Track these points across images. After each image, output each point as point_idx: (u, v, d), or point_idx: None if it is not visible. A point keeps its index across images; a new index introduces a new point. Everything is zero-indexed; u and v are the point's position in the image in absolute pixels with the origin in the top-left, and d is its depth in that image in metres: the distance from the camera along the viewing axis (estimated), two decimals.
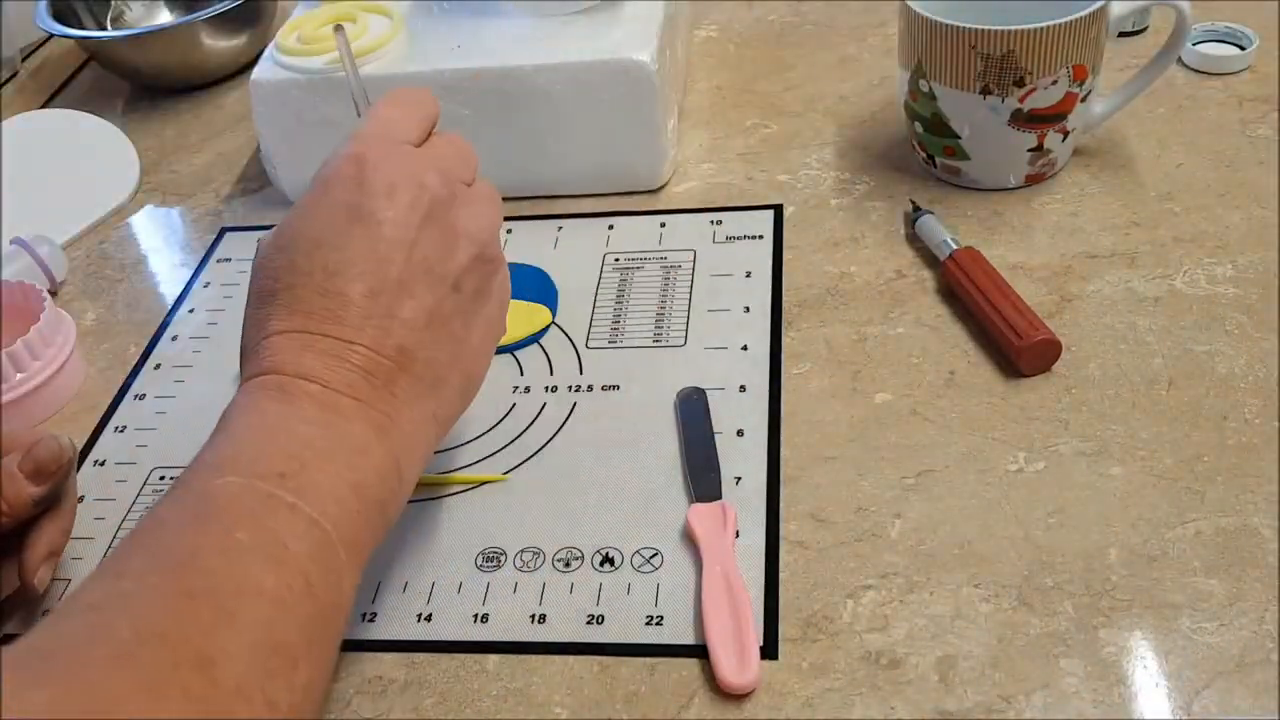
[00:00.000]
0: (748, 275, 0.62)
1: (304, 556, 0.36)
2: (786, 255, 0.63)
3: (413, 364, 0.42)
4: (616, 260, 0.64)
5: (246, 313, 0.43)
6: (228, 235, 0.72)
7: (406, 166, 0.44)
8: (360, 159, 0.43)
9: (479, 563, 0.49)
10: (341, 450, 0.39)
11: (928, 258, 0.61)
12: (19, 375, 0.58)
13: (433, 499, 0.52)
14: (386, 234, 0.42)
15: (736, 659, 0.43)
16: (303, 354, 0.40)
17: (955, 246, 0.59)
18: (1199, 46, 0.72)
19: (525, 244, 0.67)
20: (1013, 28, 0.57)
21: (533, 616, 0.47)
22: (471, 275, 0.44)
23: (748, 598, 0.45)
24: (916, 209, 0.62)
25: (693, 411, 0.54)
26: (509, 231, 0.68)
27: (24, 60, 0.92)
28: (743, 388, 0.55)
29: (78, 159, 0.79)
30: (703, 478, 0.51)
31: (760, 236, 0.64)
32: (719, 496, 0.50)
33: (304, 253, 0.42)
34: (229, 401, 0.41)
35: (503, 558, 0.49)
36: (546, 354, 0.59)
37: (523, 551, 0.49)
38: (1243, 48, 0.71)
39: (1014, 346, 0.53)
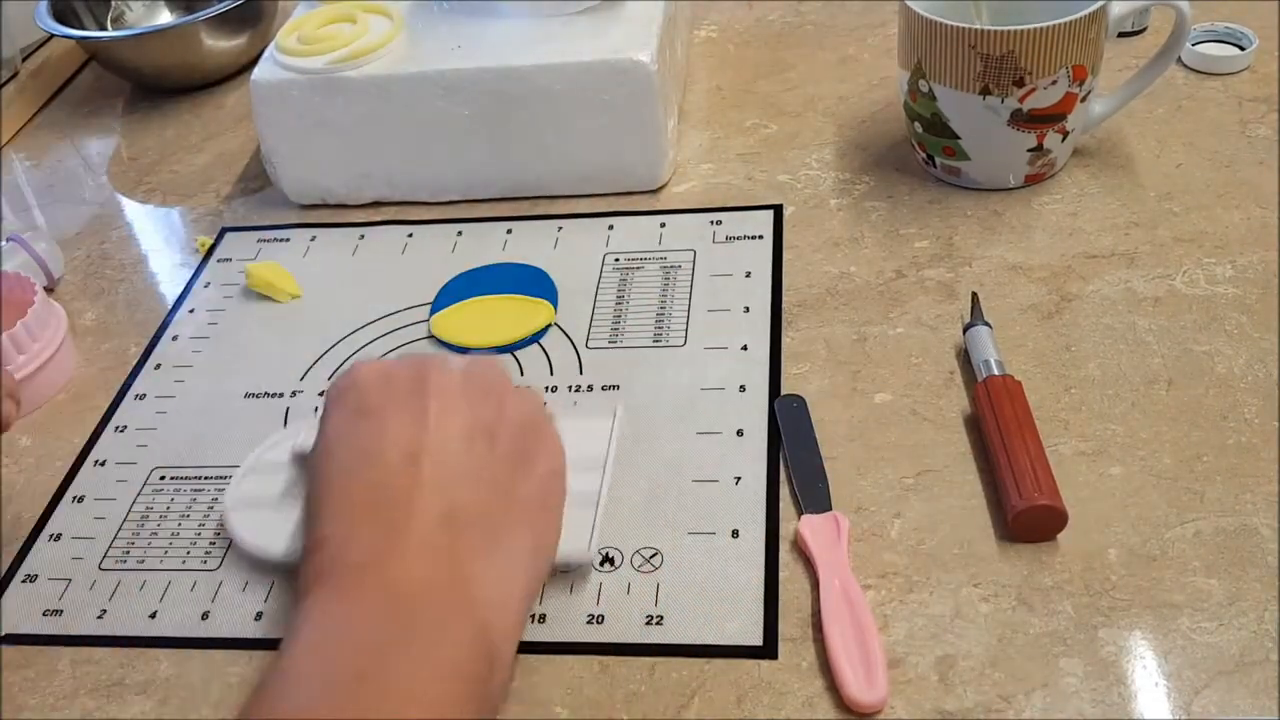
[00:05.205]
0: (748, 275, 0.62)
1: None
2: (786, 255, 0.63)
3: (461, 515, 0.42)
4: (616, 260, 0.65)
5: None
6: (228, 235, 0.72)
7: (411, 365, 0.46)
8: (370, 370, 0.46)
9: None
10: (418, 642, 0.38)
11: (928, 257, 0.61)
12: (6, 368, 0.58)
13: None
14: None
15: (864, 676, 0.42)
16: (355, 531, 0.40)
17: (993, 372, 0.51)
18: (1198, 47, 0.72)
19: (525, 244, 0.67)
20: (1013, 28, 0.57)
21: (533, 616, 0.47)
22: (506, 428, 0.45)
23: (869, 612, 0.44)
24: (974, 318, 0.55)
25: (795, 420, 0.52)
26: (509, 231, 0.68)
27: (24, 60, 0.92)
28: (743, 388, 0.55)
29: None
30: (812, 489, 0.49)
31: (760, 236, 0.64)
32: (829, 508, 0.48)
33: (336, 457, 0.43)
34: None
35: None
36: (546, 354, 0.59)
37: None
38: (1242, 48, 0.71)
39: (1009, 507, 0.46)
